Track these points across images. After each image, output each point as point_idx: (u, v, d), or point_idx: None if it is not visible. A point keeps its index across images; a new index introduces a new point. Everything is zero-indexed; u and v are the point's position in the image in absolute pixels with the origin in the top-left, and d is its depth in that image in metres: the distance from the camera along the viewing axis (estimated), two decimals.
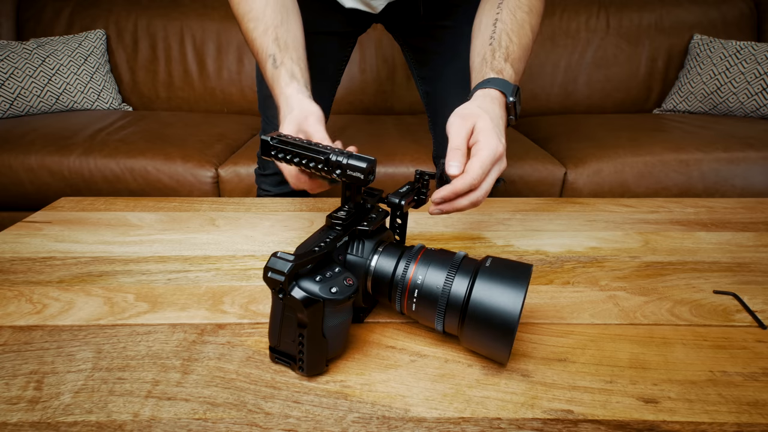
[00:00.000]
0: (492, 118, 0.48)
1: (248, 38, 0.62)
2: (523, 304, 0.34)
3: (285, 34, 0.60)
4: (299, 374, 0.37)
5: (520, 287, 0.34)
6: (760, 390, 0.36)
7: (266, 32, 0.60)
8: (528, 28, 0.59)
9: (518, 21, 0.58)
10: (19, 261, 0.54)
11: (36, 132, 1.31)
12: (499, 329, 0.34)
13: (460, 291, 0.36)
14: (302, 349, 0.35)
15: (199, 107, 1.75)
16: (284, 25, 0.61)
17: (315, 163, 0.40)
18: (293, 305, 0.34)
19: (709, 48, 1.58)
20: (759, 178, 1.20)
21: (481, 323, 0.35)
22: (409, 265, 0.39)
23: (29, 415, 0.33)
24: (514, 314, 0.34)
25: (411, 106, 1.76)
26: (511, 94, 0.52)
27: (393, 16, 0.85)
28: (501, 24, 0.58)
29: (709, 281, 0.51)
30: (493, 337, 0.35)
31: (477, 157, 0.45)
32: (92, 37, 1.63)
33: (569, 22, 1.71)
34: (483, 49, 0.58)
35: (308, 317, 0.33)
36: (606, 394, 0.35)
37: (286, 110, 0.54)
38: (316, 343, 0.35)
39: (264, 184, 0.97)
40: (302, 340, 0.35)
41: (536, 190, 1.24)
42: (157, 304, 0.46)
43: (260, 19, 0.60)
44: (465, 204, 0.46)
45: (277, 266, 0.33)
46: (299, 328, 0.35)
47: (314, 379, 0.37)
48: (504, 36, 0.57)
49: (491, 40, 0.57)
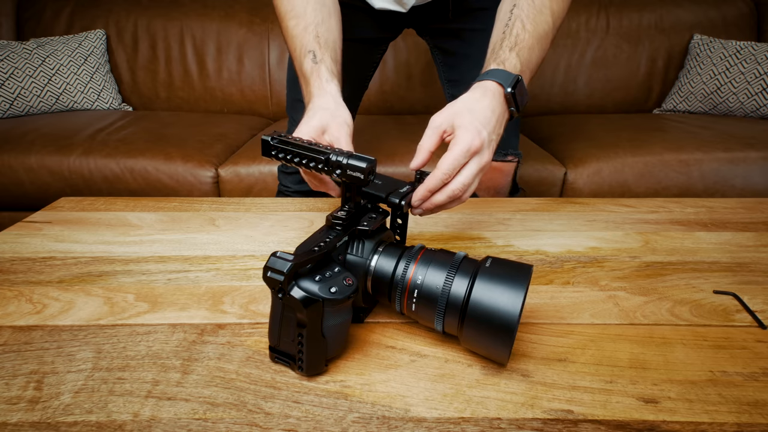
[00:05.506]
0: (474, 113, 0.48)
1: (288, 35, 0.63)
2: (523, 305, 0.34)
3: (326, 33, 0.60)
4: (299, 374, 0.37)
5: (520, 288, 0.34)
6: (760, 390, 0.36)
7: (306, 29, 0.60)
8: (548, 13, 0.56)
9: (536, 6, 0.56)
10: (19, 261, 0.54)
11: (36, 132, 1.31)
12: (498, 330, 0.34)
13: (459, 291, 0.36)
14: (302, 349, 0.35)
15: (199, 107, 1.75)
16: (325, 23, 0.61)
17: (315, 163, 0.40)
18: (292, 305, 0.34)
19: (709, 48, 1.58)
20: (759, 178, 1.20)
21: (480, 324, 0.35)
22: (409, 265, 0.39)
23: (29, 415, 0.33)
24: (514, 315, 0.34)
25: (411, 106, 1.76)
26: (508, 85, 0.50)
27: (422, 17, 0.85)
28: (517, 10, 0.56)
29: (709, 281, 0.51)
30: (492, 337, 0.35)
31: (449, 152, 0.46)
32: (92, 37, 1.63)
33: (569, 22, 1.71)
34: (496, 38, 0.57)
35: (307, 317, 0.33)
36: (606, 394, 0.35)
37: (322, 104, 0.54)
38: (316, 343, 0.35)
39: (285, 181, 0.98)
40: (301, 339, 0.35)
41: (536, 190, 1.24)
42: (157, 304, 0.46)
43: (301, 17, 0.61)
44: (442, 198, 0.46)
45: (276, 266, 0.33)
46: (298, 327, 0.35)
47: (314, 379, 0.37)
48: (518, 23, 0.55)
49: (505, 27, 0.56)
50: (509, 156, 0.84)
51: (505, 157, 0.84)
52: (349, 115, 0.54)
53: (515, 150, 0.87)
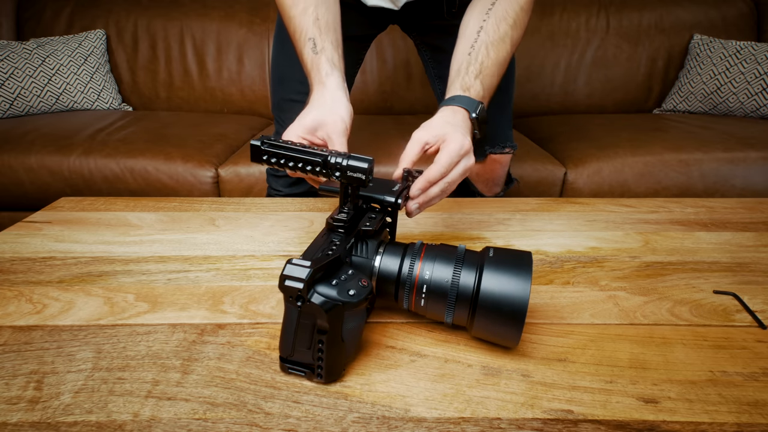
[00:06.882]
0: (455, 125, 0.52)
1: (286, 16, 0.62)
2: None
3: (325, 14, 0.60)
4: (317, 382, 0.36)
5: (526, 273, 0.36)
6: (760, 390, 0.36)
7: (306, 11, 0.59)
8: (508, 41, 0.61)
9: (500, 34, 0.60)
10: (19, 261, 0.54)
11: (36, 132, 1.31)
12: (510, 314, 0.36)
13: (468, 283, 0.37)
14: (321, 356, 0.34)
15: (199, 107, 1.75)
16: (324, 3, 0.61)
17: (312, 166, 0.40)
18: (313, 312, 0.33)
19: (709, 48, 1.58)
20: (759, 178, 1.20)
21: (492, 311, 0.36)
22: (414, 262, 0.39)
23: (29, 415, 0.33)
24: (524, 298, 0.35)
25: (411, 106, 1.76)
26: (473, 110, 0.55)
27: (413, 15, 0.85)
28: (484, 34, 0.60)
29: (709, 281, 0.51)
30: (504, 322, 0.36)
31: (445, 150, 0.49)
32: (92, 37, 1.63)
33: (569, 22, 1.71)
34: (461, 58, 0.60)
35: (329, 322, 0.33)
36: (606, 394, 0.35)
37: (318, 99, 0.55)
38: (336, 348, 0.35)
39: (275, 184, 0.97)
40: (321, 346, 0.34)
41: (536, 190, 1.24)
42: (157, 304, 0.46)
43: None
44: (436, 192, 0.49)
45: (294, 273, 0.32)
46: (318, 334, 0.34)
47: (314, 378, 0.37)
48: (483, 49, 0.59)
49: (471, 49, 0.60)
50: (507, 148, 0.88)
51: (503, 149, 0.87)
52: (347, 109, 0.54)
53: (511, 143, 0.90)
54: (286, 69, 0.86)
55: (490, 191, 0.95)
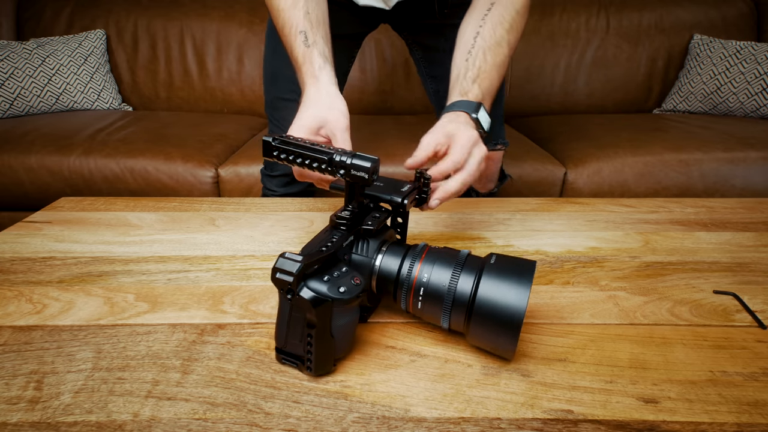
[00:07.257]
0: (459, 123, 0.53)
1: (275, 9, 0.61)
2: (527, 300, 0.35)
3: (315, 8, 0.60)
4: (307, 374, 0.37)
5: (526, 284, 0.35)
6: (760, 390, 0.36)
7: (296, 5, 0.59)
8: (505, 45, 0.61)
9: (497, 38, 0.60)
10: (19, 261, 0.54)
11: (36, 132, 1.31)
12: (505, 326, 0.35)
13: (466, 288, 0.37)
14: (310, 350, 0.35)
15: (199, 107, 1.75)
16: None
17: (318, 163, 0.40)
18: (302, 305, 0.33)
19: (709, 48, 1.58)
20: (759, 178, 1.20)
21: (487, 319, 0.35)
22: (414, 263, 0.39)
23: (29, 415, 0.33)
24: (521, 311, 0.34)
25: (411, 106, 1.76)
26: (473, 111, 0.56)
27: (405, 14, 0.85)
28: (480, 40, 0.60)
29: (709, 281, 0.51)
30: (499, 333, 0.35)
31: (456, 144, 0.50)
32: (92, 37, 1.63)
33: (569, 22, 1.71)
34: (460, 64, 0.61)
35: (317, 317, 0.33)
36: (606, 394, 0.35)
37: (314, 96, 0.55)
38: (325, 343, 0.35)
39: (270, 184, 0.97)
40: (310, 340, 0.35)
41: (536, 190, 1.24)
42: (157, 304, 0.46)
43: None
44: (455, 185, 0.50)
45: (285, 267, 0.33)
46: (308, 328, 0.35)
47: (314, 379, 0.37)
48: (480, 54, 0.59)
49: (468, 55, 0.60)
50: (498, 145, 0.89)
51: (495, 146, 0.88)
52: (345, 104, 0.55)
53: (503, 139, 0.91)
54: (279, 68, 0.86)
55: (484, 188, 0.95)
